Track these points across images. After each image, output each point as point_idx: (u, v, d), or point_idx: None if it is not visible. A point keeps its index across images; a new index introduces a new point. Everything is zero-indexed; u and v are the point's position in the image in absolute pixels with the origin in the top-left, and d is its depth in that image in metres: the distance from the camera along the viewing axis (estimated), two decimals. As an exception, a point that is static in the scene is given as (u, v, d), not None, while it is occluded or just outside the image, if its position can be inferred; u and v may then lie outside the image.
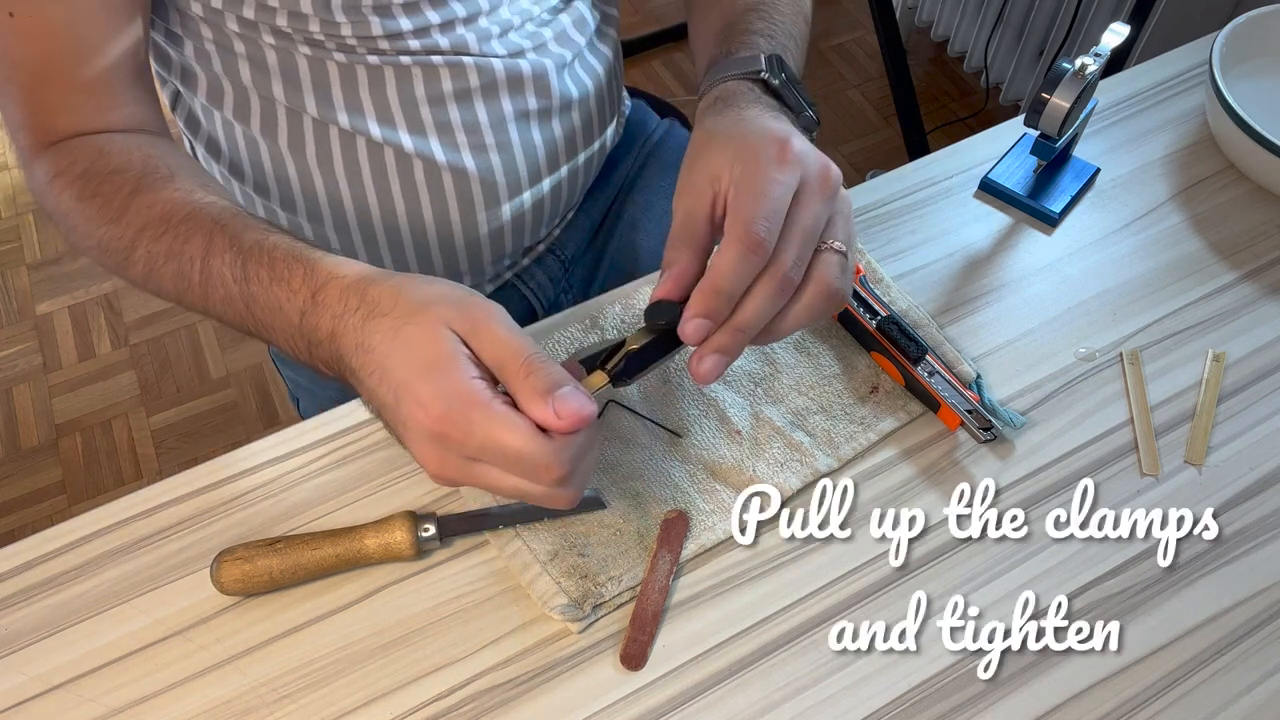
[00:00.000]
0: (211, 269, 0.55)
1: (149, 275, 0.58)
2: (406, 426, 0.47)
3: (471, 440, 0.46)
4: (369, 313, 0.49)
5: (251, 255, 0.54)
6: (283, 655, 0.54)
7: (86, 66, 0.60)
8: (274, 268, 0.53)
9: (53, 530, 0.58)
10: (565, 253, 0.87)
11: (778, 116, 0.57)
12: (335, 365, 0.51)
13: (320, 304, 0.51)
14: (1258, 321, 0.68)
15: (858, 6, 2.30)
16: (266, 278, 0.53)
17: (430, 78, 0.69)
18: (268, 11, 0.63)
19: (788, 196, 0.50)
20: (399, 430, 0.48)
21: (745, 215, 0.49)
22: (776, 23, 0.66)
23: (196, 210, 0.57)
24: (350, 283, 0.50)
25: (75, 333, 1.78)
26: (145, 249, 0.57)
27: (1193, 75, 0.83)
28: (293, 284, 0.52)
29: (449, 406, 0.45)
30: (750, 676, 0.53)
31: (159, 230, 0.57)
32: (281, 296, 0.52)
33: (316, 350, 0.52)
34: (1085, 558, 0.57)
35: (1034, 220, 0.74)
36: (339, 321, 0.50)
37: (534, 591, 0.55)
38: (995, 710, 0.52)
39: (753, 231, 0.49)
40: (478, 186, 0.73)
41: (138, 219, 0.57)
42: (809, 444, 0.61)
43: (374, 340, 0.48)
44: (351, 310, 0.49)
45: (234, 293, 0.54)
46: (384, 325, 0.48)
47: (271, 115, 0.69)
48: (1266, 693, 0.53)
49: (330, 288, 0.51)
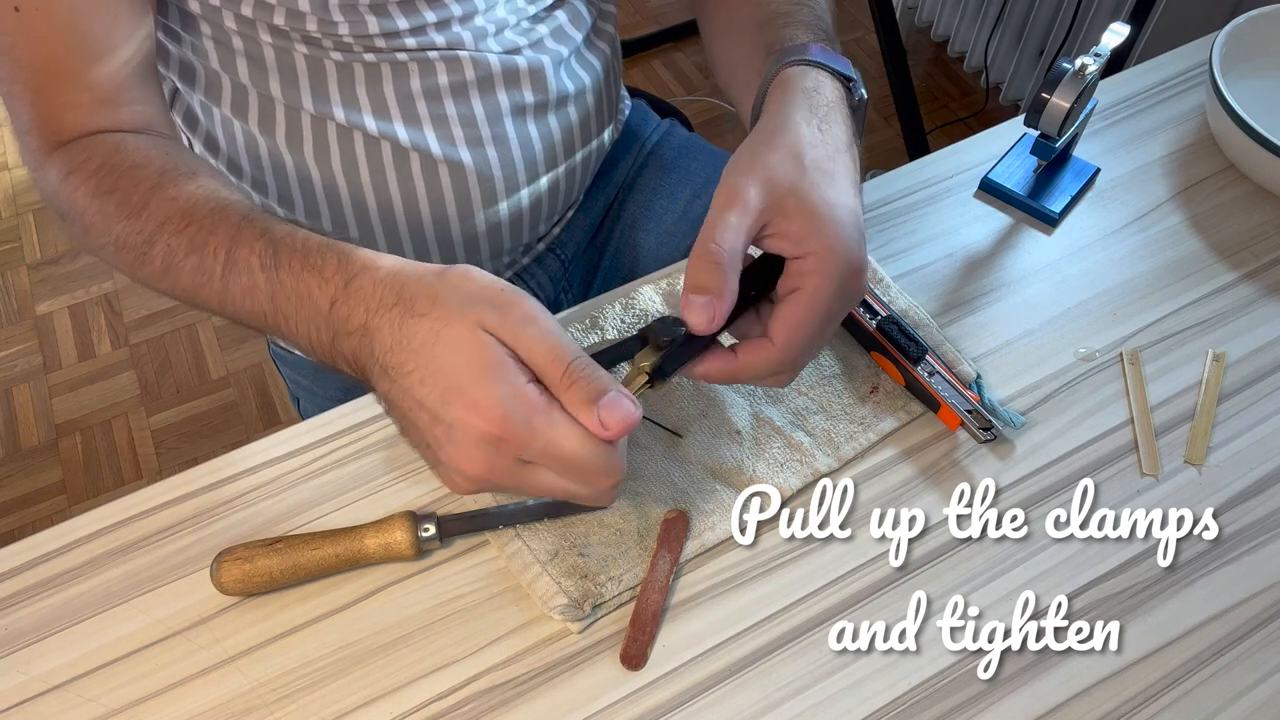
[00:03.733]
0: (237, 259, 0.54)
1: (166, 270, 0.57)
2: (454, 429, 0.46)
3: (533, 445, 0.45)
4: (406, 311, 0.48)
5: (284, 243, 0.53)
6: (283, 655, 0.54)
7: (94, 65, 0.60)
8: (308, 256, 0.52)
9: (53, 530, 0.58)
10: (565, 252, 0.87)
11: (852, 145, 0.56)
12: (360, 358, 0.50)
13: (353, 293, 0.49)
14: (1258, 321, 0.68)
15: (858, 6, 2.29)
16: (299, 265, 0.52)
17: (426, 72, 0.69)
18: (265, 9, 0.63)
19: (834, 328, 0.54)
20: (439, 432, 0.47)
21: (798, 343, 0.51)
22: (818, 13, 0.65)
23: (223, 204, 0.56)
24: (385, 275, 0.49)
25: (75, 333, 1.78)
26: (165, 242, 0.56)
27: (1193, 75, 0.83)
28: (325, 272, 0.51)
29: (509, 411, 0.45)
30: (750, 676, 0.53)
31: (182, 224, 0.56)
32: (312, 284, 0.51)
33: (341, 342, 0.50)
34: (1085, 558, 0.57)
35: (1034, 220, 0.74)
36: (374, 316, 0.49)
37: (534, 591, 0.55)
38: (995, 710, 0.52)
39: (796, 362, 0.52)
40: (474, 182, 0.73)
41: (160, 213, 0.56)
42: (809, 444, 0.61)
43: (415, 341, 0.47)
44: (388, 306, 0.48)
45: (259, 281, 0.53)
46: (424, 327, 0.47)
47: (269, 111, 0.69)
48: (1266, 693, 0.53)
49: (364, 277, 0.49)
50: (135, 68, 0.62)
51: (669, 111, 0.99)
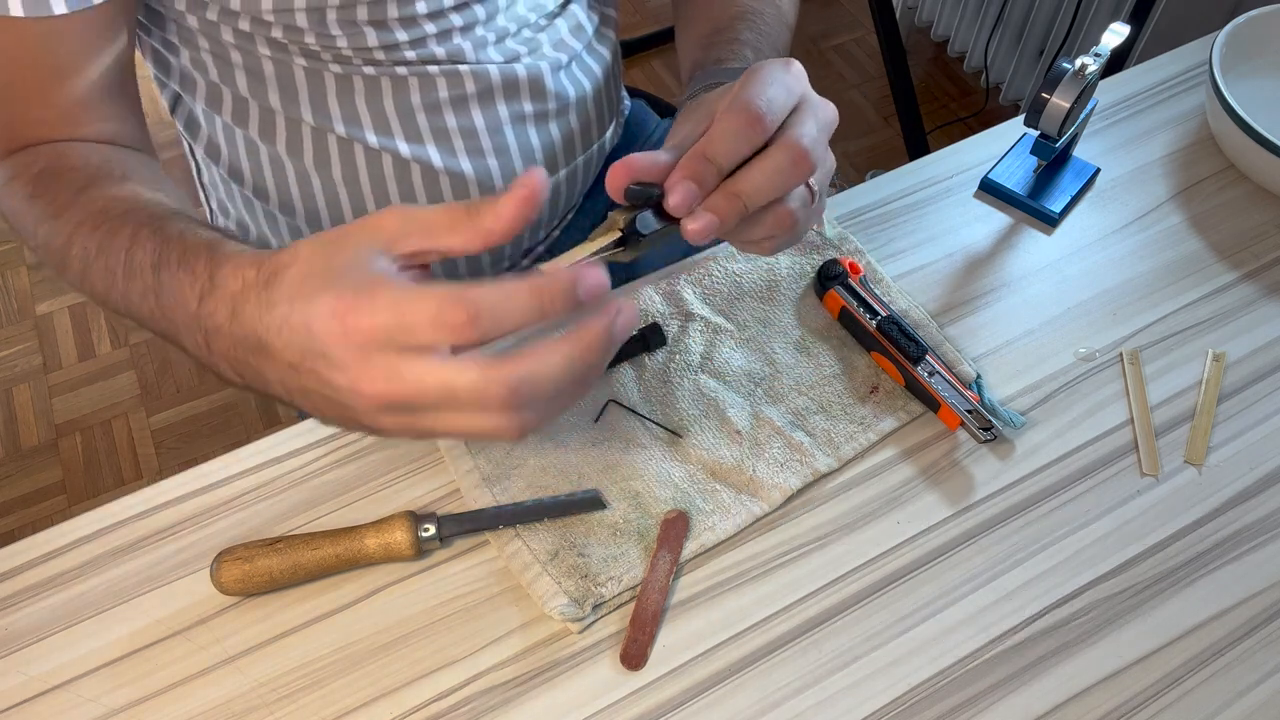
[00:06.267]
0: (134, 259, 0.50)
1: (83, 273, 0.53)
2: (327, 354, 0.40)
3: (380, 318, 0.39)
4: (271, 274, 0.42)
5: (170, 241, 0.49)
6: (283, 655, 0.54)
7: (61, 85, 0.58)
8: (184, 253, 0.47)
9: (53, 530, 0.58)
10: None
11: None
12: (238, 353, 0.44)
13: (218, 284, 0.44)
14: (1258, 321, 0.68)
15: (858, 6, 2.30)
16: (175, 263, 0.47)
17: (426, 86, 0.68)
18: (263, 25, 0.63)
19: (790, 97, 0.47)
20: (322, 368, 0.41)
21: (745, 93, 0.46)
22: (764, 33, 0.66)
23: (136, 206, 0.53)
24: (248, 256, 0.44)
25: (75, 333, 1.78)
26: (81, 244, 0.53)
27: (1193, 75, 0.83)
28: (195, 267, 0.46)
29: (354, 293, 0.39)
30: (750, 676, 0.53)
31: (95, 224, 0.53)
32: (185, 282, 0.46)
33: (214, 341, 0.45)
34: (1085, 558, 0.57)
35: (1034, 220, 0.74)
36: (239, 298, 0.43)
37: (534, 591, 0.55)
38: (995, 710, 0.52)
39: (752, 104, 0.45)
40: (475, 191, 0.73)
41: (77, 214, 0.54)
42: (809, 444, 0.61)
43: (279, 293, 0.41)
44: (251, 281, 0.43)
45: (149, 283, 0.49)
46: (290, 275, 0.41)
47: (269, 121, 0.69)
48: (1266, 693, 0.53)
49: (226, 265, 0.44)
50: (105, 87, 0.60)
51: (669, 111, 0.99)
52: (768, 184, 0.47)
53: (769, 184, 0.47)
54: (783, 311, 0.67)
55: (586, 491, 0.58)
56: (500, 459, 0.60)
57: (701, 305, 0.67)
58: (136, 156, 0.61)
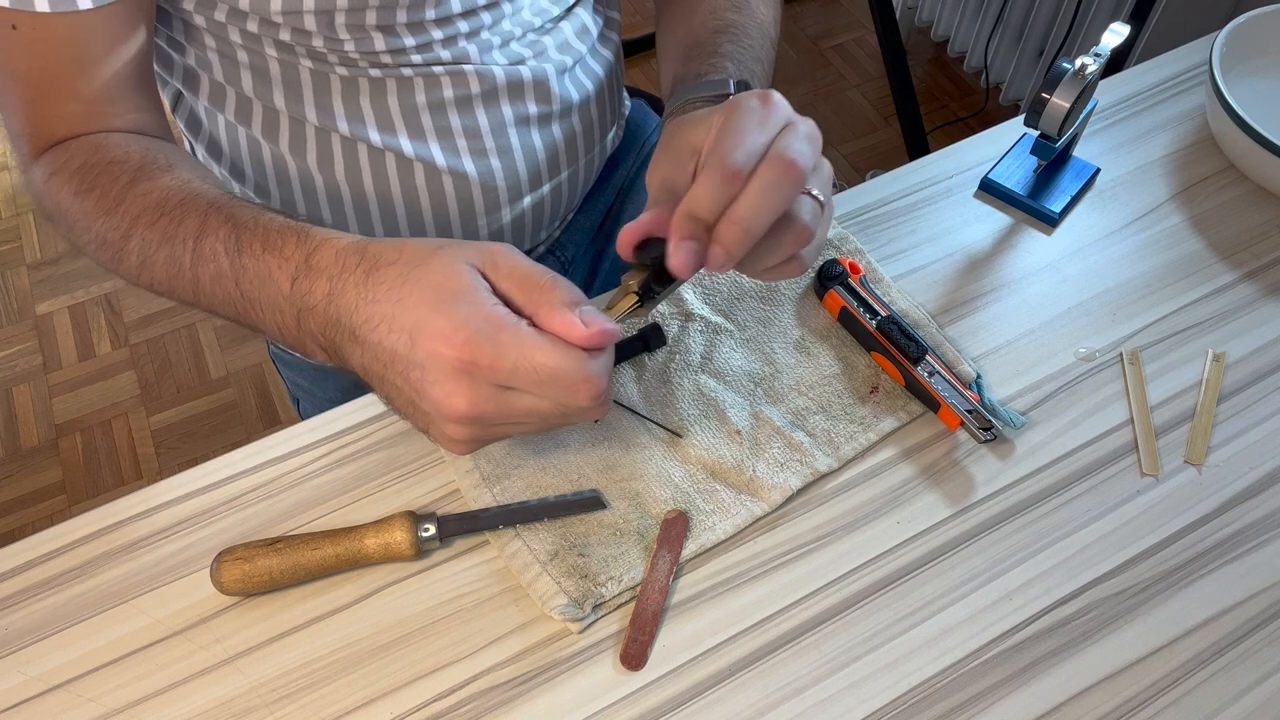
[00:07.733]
0: (204, 247, 0.54)
1: (143, 265, 0.57)
2: (426, 368, 0.45)
3: (503, 363, 0.44)
4: (372, 266, 0.47)
5: (246, 227, 0.52)
6: (283, 655, 0.54)
7: (88, 78, 0.60)
8: (268, 238, 0.51)
9: (53, 530, 0.58)
10: (565, 254, 0.87)
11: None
12: (329, 333, 0.49)
13: (315, 267, 0.49)
14: (1258, 321, 0.68)
15: (858, 6, 2.30)
16: (259, 248, 0.51)
17: (431, 86, 0.69)
18: (271, 26, 0.63)
19: (769, 136, 0.48)
20: (415, 377, 0.46)
21: (722, 148, 0.47)
22: (745, 46, 0.66)
23: (193, 195, 0.56)
24: (347, 244, 0.49)
25: (75, 333, 1.78)
26: (140, 236, 0.56)
27: (1193, 75, 0.83)
28: (285, 251, 0.50)
29: (475, 332, 0.44)
30: (750, 676, 0.53)
31: (154, 216, 0.56)
32: (273, 264, 0.50)
33: (306, 319, 0.49)
34: (1085, 558, 0.57)
35: (1034, 220, 0.74)
36: (336, 282, 0.48)
37: (534, 591, 0.55)
38: (995, 710, 0.52)
39: (729, 161, 0.46)
40: (478, 190, 0.73)
41: (134, 207, 0.56)
42: (809, 444, 0.61)
43: (380, 291, 0.46)
44: (351, 268, 0.48)
45: (224, 268, 0.53)
46: (391, 274, 0.46)
47: (273, 121, 0.69)
48: (1266, 693, 0.53)
49: (324, 250, 0.49)
50: (129, 78, 0.62)
51: (668, 112, 0.99)
52: (763, 201, 0.47)
53: (764, 201, 0.47)
54: (783, 311, 0.67)
55: (587, 491, 0.58)
56: (500, 459, 0.60)
57: (701, 305, 0.67)
58: (171, 146, 0.63)
